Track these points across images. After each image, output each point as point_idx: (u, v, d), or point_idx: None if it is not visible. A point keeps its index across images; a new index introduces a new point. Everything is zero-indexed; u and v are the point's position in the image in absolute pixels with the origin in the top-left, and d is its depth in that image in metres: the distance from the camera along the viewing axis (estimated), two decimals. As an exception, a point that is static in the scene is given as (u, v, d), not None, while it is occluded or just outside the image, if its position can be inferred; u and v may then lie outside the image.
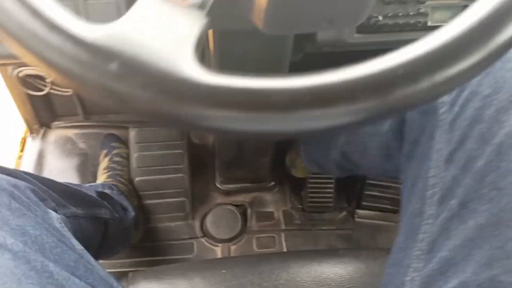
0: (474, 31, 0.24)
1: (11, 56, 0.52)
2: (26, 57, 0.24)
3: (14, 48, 0.25)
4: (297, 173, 0.92)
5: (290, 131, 0.25)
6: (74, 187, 0.66)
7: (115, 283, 0.41)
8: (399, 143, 0.46)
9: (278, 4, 0.33)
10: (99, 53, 0.23)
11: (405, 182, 0.43)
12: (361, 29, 0.55)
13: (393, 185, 0.91)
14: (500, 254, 0.31)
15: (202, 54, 0.60)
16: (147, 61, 0.23)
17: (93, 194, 0.71)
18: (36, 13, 0.24)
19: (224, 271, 0.52)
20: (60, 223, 0.44)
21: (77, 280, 0.37)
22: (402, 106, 0.25)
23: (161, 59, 0.24)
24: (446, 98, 0.39)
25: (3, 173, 0.43)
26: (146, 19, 0.25)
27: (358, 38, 0.56)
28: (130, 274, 0.52)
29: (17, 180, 0.43)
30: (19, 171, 0.48)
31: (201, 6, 0.26)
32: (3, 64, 0.74)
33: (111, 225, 0.68)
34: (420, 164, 0.40)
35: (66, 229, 0.44)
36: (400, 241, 0.41)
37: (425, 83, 0.24)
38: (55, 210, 0.46)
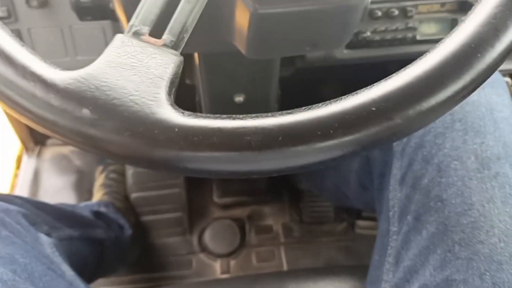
0: (445, 66, 0.24)
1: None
2: (3, 106, 0.25)
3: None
4: (302, 186, 0.93)
5: (265, 170, 0.25)
6: (69, 208, 0.66)
7: None
8: (370, 177, 0.52)
9: (259, 31, 0.33)
10: (71, 99, 0.23)
11: (379, 211, 0.49)
12: (350, 45, 0.55)
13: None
14: (450, 257, 0.36)
15: (191, 74, 0.60)
16: (119, 106, 0.23)
17: (88, 214, 0.71)
18: (8, 59, 0.24)
19: (219, 293, 0.52)
20: (52, 247, 0.45)
21: None
22: (377, 142, 0.25)
23: (134, 102, 0.24)
24: None
25: None
26: (118, 61, 0.25)
27: (347, 54, 0.56)
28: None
29: (9, 205, 0.44)
30: (12, 195, 0.48)
31: (174, 46, 0.26)
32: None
33: (107, 245, 0.68)
34: (386, 192, 0.45)
35: (57, 254, 0.44)
36: (374, 259, 0.46)
37: (398, 119, 0.24)
38: (48, 234, 0.46)
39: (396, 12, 0.54)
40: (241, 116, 0.24)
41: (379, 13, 0.54)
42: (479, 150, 0.38)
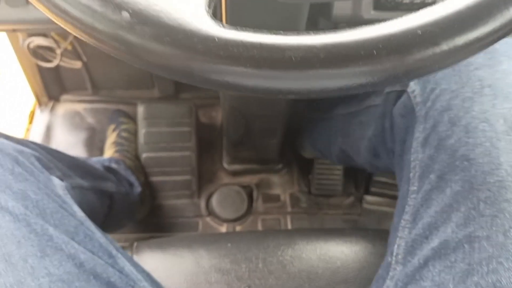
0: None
1: (23, 21, 0.52)
2: (41, 6, 0.24)
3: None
4: (306, 154, 0.92)
5: (304, 89, 0.24)
6: (81, 159, 0.66)
7: (114, 251, 0.41)
8: (385, 146, 0.53)
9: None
10: (111, 1, 0.23)
11: (399, 177, 0.49)
12: (378, 6, 0.54)
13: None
14: (475, 214, 0.36)
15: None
16: (160, 12, 0.23)
17: (100, 168, 0.71)
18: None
19: (229, 245, 0.52)
20: (64, 190, 0.45)
21: (76, 245, 0.37)
22: (420, 68, 0.24)
23: (174, 10, 0.23)
24: (419, 98, 0.45)
25: (10, 140, 0.44)
26: (161, -31, 0.24)
27: (374, 15, 0.54)
28: (135, 244, 0.52)
29: (23, 147, 0.44)
30: (28, 140, 0.48)
31: (216, -39, 0.25)
32: (14, 30, 0.74)
33: (116, 199, 0.68)
34: (406, 156, 0.45)
35: (69, 196, 0.45)
36: (394, 222, 0.46)
37: (444, 46, 0.23)
38: (60, 179, 0.46)
39: (429, -26, 0.52)
40: (282, 32, 0.24)
41: (411, -26, 0.52)
42: (508, 115, 0.38)
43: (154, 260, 0.51)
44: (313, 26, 0.60)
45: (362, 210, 0.91)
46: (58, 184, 0.45)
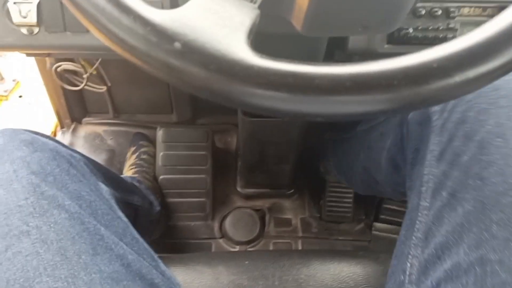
0: (503, 34, 0.27)
1: (60, 47, 0.56)
2: (102, 36, 0.27)
3: (92, 29, 0.28)
4: (331, 178, 0.93)
5: (330, 114, 0.27)
6: (113, 171, 0.69)
7: (156, 256, 0.44)
8: (403, 155, 0.51)
9: (318, 7, 0.36)
10: (165, 33, 0.26)
11: (410, 187, 0.48)
12: (391, 40, 0.58)
13: (412, 199, 0.91)
14: (487, 236, 0.35)
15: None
16: (206, 43, 0.26)
17: (127, 182, 0.74)
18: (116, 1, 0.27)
19: (247, 262, 0.54)
20: (109, 195, 0.47)
21: (124, 246, 0.39)
22: (435, 97, 0.27)
23: (218, 42, 0.26)
24: (437, 108, 0.44)
25: (62, 145, 0.46)
26: (206, 7, 0.28)
27: (388, 48, 0.58)
28: (156, 257, 0.54)
29: (73, 152, 0.46)
30: (72, 148, 0.51)
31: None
32: (49, 55, 0.78)
33: (140, 213, 0.70)
34: (420, 167, 0.44)
35: (113, 201, 0.47)
36: (401, 235, 0.45)
37: (457, 78, 0.26)
38: (105, 185, 0.49)
39: (439, 12, 0.56)
40: (313, 63, 0.27)
41: (423, 12, 0.56)
42: None
43: (176, 274, 0.53)
44: (329, 57, 0.64)
45: (372, 237, 0.93)
46: (104, 189, 0.47)
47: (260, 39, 0.53)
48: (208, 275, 0.53)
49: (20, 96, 1.28)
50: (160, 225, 0.88)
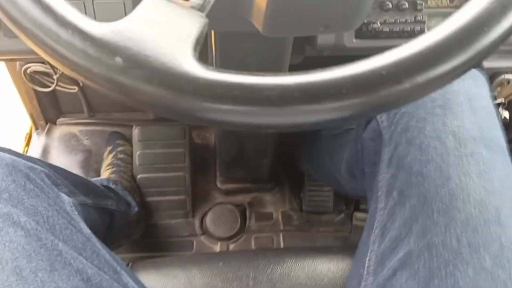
0: (453, 38, 0.26)
1: (21, 52, 0.54)
2: (39, 51, 0.26)
3: (28, 43, 0.27)
4: (303, 168, 0.94)
5: (281, 124, 0.26)
6: (83, 178, 0.68)
7: (118, 268, 0.43)
8: (359, 167, 0.56)
9: (277, 8, 0.35)
10: (105, 48, 0.25)
11: (370, 197, 0.52)
12: (359, 35, 0.57)
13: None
14: (430, 223, 0.39)
15: (205, 55, 0.62)
16: (149, 57, 0.25)
17: (100, 187, 0.73)
18: (48, 10, 0.26)
19: (221, 264, 0.54)
20: (71, 206, 0.46)
21: (84, 260, 0.39)
22: (385, 104, 0.26)
23: (163, 55, 0.26)
24: (385, 123, 0.49)
25: (21, 157, 0.45)
26: (150, 18, 0.27)
27: (356, 43, 0.58)
28: (130, 264, 0.54)
29: (33, 164, 0.45)
30: (36, 158, 0.50)
31: (201, 8, 0.28)
32: (12, 60, 0.76)
33: (116, 217, 0.70)
34: (376, 177, 0.49)
35: (76, 213, 0.46)
36: (363, 237, 0.49)
37: (407, 84, 0.26)
38: (68, 196, 0.48)
39: (406, 5, 0.56)
40: (261, 73, 0.26)
41: (390, 5, 0.56)
42: (457, 131, 0.42)
43: (149, 280, 0.53)
44: (300, 53, 0.63)
45: (353, 227, 0.93)
46: (66, 201, 0.46)
47: (224, 38, 0.53)
48: (181, 279, 0.53)
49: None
50: (140, 225, 0.88)
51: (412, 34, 0.57)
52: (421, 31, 0.57)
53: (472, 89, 0.45)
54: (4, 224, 0.36)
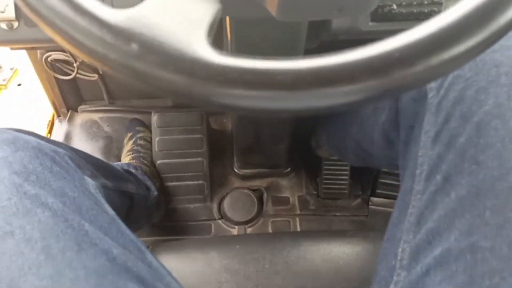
0: (467, 19, 0.26)
1: (40, 41, 0.56)
2: (56, 38, 0.27)
3: (47, 31, 0.27)
4: (323, 153, 0.92)
5: (294, 109, 0.27)
6: (105, 161, 0.69)
7: (143, 247, 0.44)
8: (397, 131, 0.49)
9: (291, -8, 0.35)
10: (121, 34, 0.26)
11: (402, 166, 0.46)
12: (375, 18, 0.56)
13: (408, 173, 0.91)
14: (479, 222, 0.34)
15: (221, 41, 0.62)
16: (163, 43, 0.26)
17: (121, 170, 0.75)
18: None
19: (238, 247, 0.55)
20: (95, 189, 0.48)
21: (109, 241, 0.40)
22: (399, 87, 0.26)
23: (177, 40, 0.26)
24: (434, 84, 0.41)
25: (45, 141, 0.46)
26: (164, 4, 0.27)
27: (372, 26, 0.57)
28: (150, 246, 0.55)
29: (57, 147, 0.46)
30: (59, 142, 0.51)
31: (214, -7, 0.28)
32: (33, 48, 0.78)
33: (136, 200, 0.71)
34: (414, 147, 0.43)
35: (100, 194, 0.47)
36: (394, 217, 0.44)
37: (420, 67, 0.26)
38: (92, 179, 0.50)
39: (424, -14, 0.55)
40: (274, 57, 0.26)
41: (407, -14, 0.55)
42: None
43: (169, 262, 0.54)
44: (315, 37, 0.63)
45: (369, 212, 0.93)
46: (90, 183, 0.47)
47: (239, 24, 0.53)
48: (200, 260, 0.54)
49: (19, 85, 1.28)
50: (160, 209, 0.90)
51: (429, 16, 0.56)
52: (438, 13, 0.56)
53: None
54: (33, 205, 0.37)
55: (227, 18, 0.52)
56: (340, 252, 0.55)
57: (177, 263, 0.54)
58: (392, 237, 0.43)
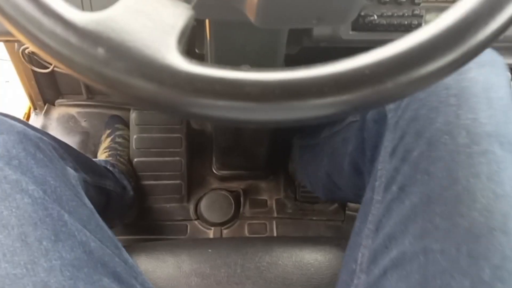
0: (438, 39, 0.26)
1: (8, 33, 0.54)
2: (22, 38, 0.26)
3: (11, 30, 0.27)
4: (298, 179, 0.94)
5: (261, 121, 0.26)
6: (85, 155, 0.68)
7: (119, 244, 0.44)
8: (363, 157, 0.53)
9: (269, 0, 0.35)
10: (88, 38, 0.25)
11: (366, 181, 0.49)
12: (356, 27, 0.57)
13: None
14: (430, 227, 0.37)
15: (201, 46, 0.62)
16: (131, 48, 0.25)
17: (100, 166, 0.74)
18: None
19: (210, 251, 0.54)
20: (76, 180, 0.47)
21: (88, 233, 0.39)
22: (367, 103, 0.26)
23: (146, 46, 0.26)
24: (392, 106, 0.46)
25: (31, 128, 0.45)
26: (135, 8, 0.27)
27: (353, 35, 0.57)
28: (120, 245, 0.54)
29: (42, 136, 0.45)
30: (42, 130, 0.50)
31: (187, 0, 0.28)
32: (8, 41, 0.76)
33: (113, 198, 0.70)
34: (375, 163, 0.46)
35: (80, 187, 0.47)
36: (356, 226, 0.47)
37: (390, 84, 0.26)
38: (74, 170, 0.49)
39: (404, -2, 0.55)
40: (244, 68, 0.26)
41: (388, -3, 0.55)
42: (471, 126, 0.38)
43: (139, 263, 0.54)
44: (297, 43, 0.63)
45: (346, 217, 0.94)
46: (72, 174, 0.47)
47: (220, 28, 0.52)
48: (171, 263, 0.54)
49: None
50: (134, 209, 0.88)
51: (409, 28, 0.57)
52: (418, 25, 0.56)
53: (491, 77, 0.41)
54: (12, 190, 0.36)
55: (207, 22, 0.52)
56: (312, 259, 0.55)
57: (146, 264, 0.54)
58: (353, 244, 0.46)
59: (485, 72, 0.41)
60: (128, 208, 0.84)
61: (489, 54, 0.44)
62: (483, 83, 0.40)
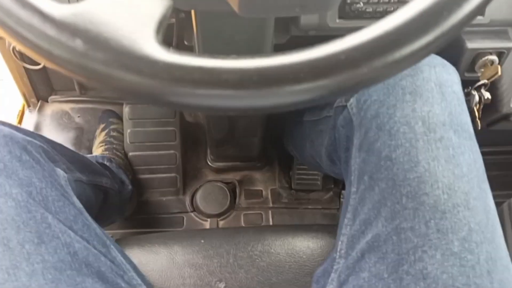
0: (411, 23, 0.26)
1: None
2: (0, 32, 0.27)
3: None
4: (289, 150, 0.94)
5: (240, 107, 0.27)
6: (80, 155, 0.69)
7: (108, 242, 0.44)
8: (337, 154, 0.57)
9: (251, -13, 0.35)
10: (66, 29, 0.25)
11: (345, 180, 0.52)
12: (343, 15, 0.57)
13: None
14: (399, 208, 0.40)
15: (189, 38, 0.62)
16: (109, 39, 0.25)
17: (96, 164, 0.74)
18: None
19: (202, 241, 0.55)
20: (66, 181, 0.47)
21: (72, 234, 0.39)
22: (344, 89, 0.27)
23: (123, 37, 0.26)
24: (355, 110, 0.49)
25: (20, 132, 0.46)
26: (113, 0, 0.27)
27: (340, 23, 0.57)
28: (117, 241, 0.55)
29: (32, 139, 0.46)
30: (36, 133, 0.50)
31: (165, -11, 0.28)
32: (0, 38, 0.76)
33: (110, 194, 0.71)
34: (349, 162, 0.49)
35: (70, 187, 0.47)
36: (339, 220, 0.50)
37: (365, 69, 0.26)
38: (65, 172, 0.49)
39: (390, -16, 0.55)
40: (222, 56, 0.26)
41: (374, -16, 0.55)
42: (427, 117, 0.42)
43: (133, 256, 0.54)
44: (285, 32, 0.63)
45: (341, 205, 0.95)
46: (61, 175, 0.47)
47: (207, 19, 0.52)
48: (164, 255, 0.54)
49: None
50: (132, 202, 0.89)
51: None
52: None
53: (443, 75, 0.45)
54: None
55: (193, 13, 0.52)
56: (304, 247, 0.55)
57: (140, 257, 0.54)
58: (337, 236, 0.48)
59: (437, 71, 0.45)
60: (128, 202, 0.85)
61: (439, 58, 0.47)
62: (436, 80, 0.44)
